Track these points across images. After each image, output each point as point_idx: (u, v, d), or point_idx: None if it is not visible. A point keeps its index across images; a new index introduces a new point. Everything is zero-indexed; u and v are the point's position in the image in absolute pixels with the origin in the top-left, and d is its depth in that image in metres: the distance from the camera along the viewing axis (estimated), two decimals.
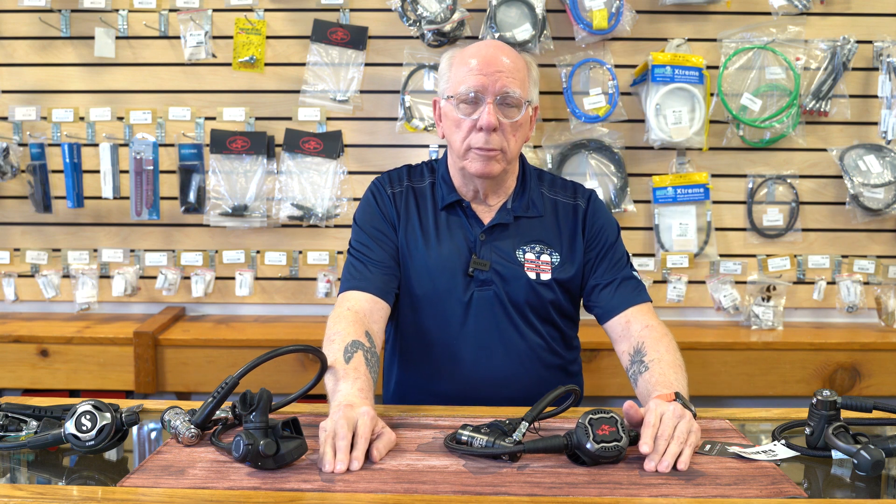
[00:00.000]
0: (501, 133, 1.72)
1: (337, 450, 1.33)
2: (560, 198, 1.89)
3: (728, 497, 1.26)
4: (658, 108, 2.80)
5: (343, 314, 1.70)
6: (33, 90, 2.97)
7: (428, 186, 1.89)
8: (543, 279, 1.80)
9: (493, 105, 1.71)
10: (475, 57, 1.73)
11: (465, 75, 1.73)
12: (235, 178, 2.93)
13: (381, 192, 1.89)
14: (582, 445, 1.35)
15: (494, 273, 1.80)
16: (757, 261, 3.00)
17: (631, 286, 1.82)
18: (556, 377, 1.86)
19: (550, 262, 1.82)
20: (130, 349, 2.72)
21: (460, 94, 1.73)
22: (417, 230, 1.84)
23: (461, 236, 1.83)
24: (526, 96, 1.75)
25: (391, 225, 1.85)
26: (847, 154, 2.91)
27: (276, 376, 2.59)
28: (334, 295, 2.98)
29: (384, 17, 2.93)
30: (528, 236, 1.83)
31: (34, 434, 1.45)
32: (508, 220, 1.83)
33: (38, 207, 2.94)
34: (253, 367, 1.44)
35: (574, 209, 1.87)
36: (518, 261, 1.81)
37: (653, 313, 1.80)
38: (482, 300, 1.80)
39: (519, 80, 1.73)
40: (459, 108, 1.74)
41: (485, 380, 1.80)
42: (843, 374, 2.73)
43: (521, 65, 1.76)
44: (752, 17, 2.92)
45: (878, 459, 1.30)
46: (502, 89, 1.70)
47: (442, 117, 1.82)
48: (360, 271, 1.79)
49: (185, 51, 2.93)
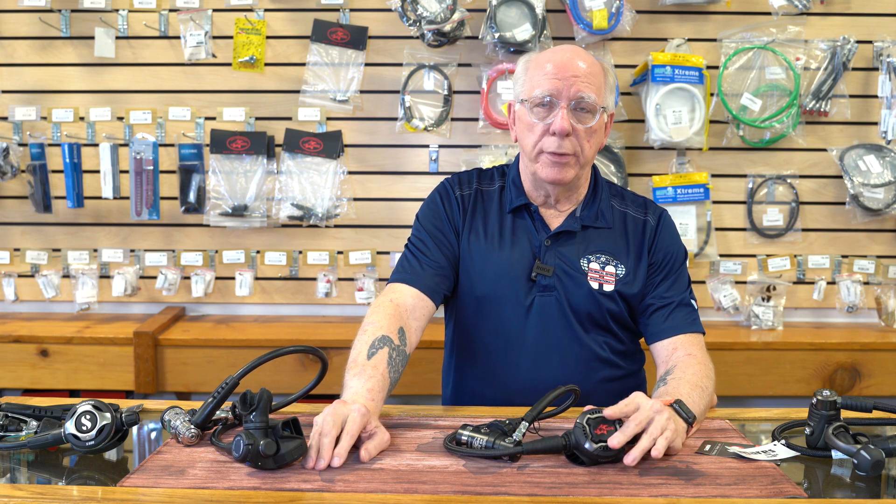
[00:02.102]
0: (575, 138, 1.71)
1: (320, 447, 1.33)
2: (630, 212, 1.87)
3: (728, 497, 1.26)
4: (658, 108, 2.80)
5: (384, 304, 1.70)
6: (33, 90, 2.97)
7: (497, 190, 1.88)
8: (606, 290, 1.78)
9: (567, 110, 1.69)
10: (551, 61, 1.72)
11: (539, 79, 1.72)
12: (235, 178, 2.93)
13: (449, 193, 1.88)
14: (580, 445, 1.35)
15: (557, 279, 1.78)
16: (757, 261, 3.00)
17: (685, 313, 1.79)
18: (613, 388, 1.82)
19: (615, 273, 1.79)
20: (130, 349, 2.72)
21: (535, 98, 1.72)
22: (482, 233, 1.83)
23: (526, 240, 1.81)
24: (601, 102, 1.73)
25: (453, 227, 1.85)
26: (847, 154, 2.91)
27: (276, 376, 2.59)
28: (334, 295, 2.98)
29: (384, 17, 2.93)
30: (595, 246, 1.81)
31: (34, 434, 1.45)
32: (576, 228, 1.81)
33: (38, 207, 2.94)
34: (253, 367, 1.44)
35: (644, 225, 1.84)
36: (582, 270, 1.79)
37: (701, 345, 1.77)
38: (543, 306, 1.78)
39: (595, 86, 1.71)
40: (533, 112, 1.73)
41: (540, 386, 1.76)
42: (843, 374, 2.73)
43: (597, 70, 1.74)
44: (752, 17, 2.92)
45: (878, 459, 1.30)
46: (577, 94, 1.69)
47: (516, 120, 1.81)
48: (412, 266, 1.80)
49: (185, 51, 2.93)
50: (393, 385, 1.59)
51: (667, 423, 1.37)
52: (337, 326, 2.89)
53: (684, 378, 1.62)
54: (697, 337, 1.78)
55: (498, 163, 2.38)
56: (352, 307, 3.04)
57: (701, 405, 1.57)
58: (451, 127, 2.97)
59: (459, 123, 2.98)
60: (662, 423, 1.37)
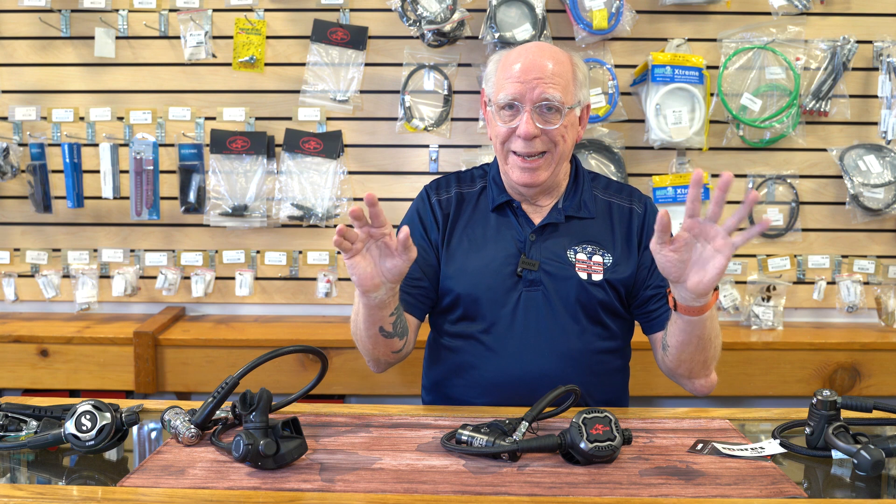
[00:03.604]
0: (546, 136, 1.72)
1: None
2: (615, 200, 1.87)
3: (728, 497, 1.26)
4: (658, 108, 2.80)
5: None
6: (33, 90, 2.97)
7: (477, 191, 1.89)
8: (595, 279, 1.78)
9: (532, 113, 1.70)
10: (516, 62, 1.72)
11: (504, 82, 1.72)
12: (235, 178, 2.93)
13: (425, 201, 1.89)
14: (576, 445, 1.35)
15: (544, 273, 1.78)
16: (757, 261, 3.00)
17: None
18: (604, 378, 1.83)
19: (603, 263, 1.79)
20: (130, 349, 2.72)
21: (499, 102, 1.73)
22: (464, 234, 1.84)
23: (510, 237, 1.82)
24: (569, 101, 1.72)
25: (430, 242, 1.85)
26: (847, 154, 2.91)
27: (276, 376, 2.59)
28: (334, 295, 2.98)
29: (384, 17, 2.93)
30: (580, 237, 1.81)
31: (34, 434, 1.45)
32: (559, 220, 1.81)
33: (38, 207, 2.94)
34: (253, 367, 1.44)
35: (630, 213, 1.85)
36: (569, 261, 1.79)
37: None
38: (530, 301, 1.78)
39: (560, 85, 1.71)
40: (500, 115, 1.74)
41: (531, 380, 1.78)
42: (843, 374, 2.73)
43: (564, 68, 1.73)
44: (752, 17, 2.92)
45: (878, 459, 1.30)
46: (541, 96, 1.69)
47: (488, 121, 1.82)
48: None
49: (185, 51, 2.93)
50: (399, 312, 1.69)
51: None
52: (337, 326, 2.89)
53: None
54: None
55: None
56: (352, 307, 3.03)
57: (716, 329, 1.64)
58: (451, 127, 2.97)
59: (459, 123, 2.98)
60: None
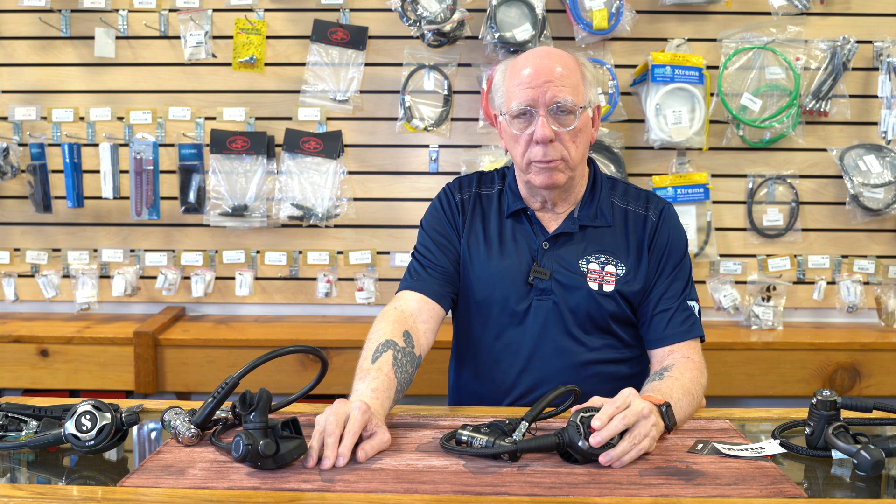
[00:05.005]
0: (560, 142, 1.71)
1: (326, 446, 1.34)
2: (632, 208, 1.84)
3: (728, 497, 1.26)
4: (658, 108, 2.80)
5: (388, 313, 1.72)
6: (33, 90, 2.97)
7: (496, 193, 1.89)
8: (606, 290, 1.77)
9: (546, 117, 1.69)
10: (524, 69, 1.72)
11: (514, 90, 1.72)
12: (235, 178, 2.93)
13: (450, 198, 1.89)
14: (574, 444, 1.35)
15: (555, 282, 1.77)
16: (757, 261, 3.00)
17: (684, 318, 1.78)
18: (614, 385, 1.79)
19: (615, 273, 1.78)
20: (130, 349, 2.72)
21: (512, 111, 1.72)
22: (481, 237, 1.84)
23: (525, 245, 1.81)
24: (580, 101, 1.72)
25: (455, 231, 1.86)
26: (847, 154, 2.91)
27: (276, 376, 2.59)
28: (334, 295, 2.98)
29: (384, 17, 2.93)
30: (594, 246, 1.80)
31: (34, 434, 1.45)
32: (573, 230, 1.80)
33: (38, 207, 2.94)
34: (253, 367, 1.44)
35: (644, 220, 1.82)
36: (581, 271, 1.78)
37: (698, 349, 1.78)
38: (540, 309, 1.78)
39: (570, 87, 1.70)
40: (514, 124, 1.73)
41: (536, 390, 1.78)
42: (843, 374, 2.73)
43: (571, 70, 1.73)
44: (752, 17, 2.92)
45: (878, 459, 1.30)
46: (553, 99, 1.69)
47: (502, 132, 1.81)
48: (418, 273, 1.82)
49: (185, 51, 2.93)
50: (403, 385, 1.60)
51: (650, 429, 1.39)
52: (337, 326, 2.89)
53: (680, 381, 1.63)
54: (696, 343, 1.79)
55: (498, 163, 2.37)
56: (352, 307, 3.04)
57: (686, 413, 1.59)
58: (451, 127, 2.97)
59: (459, 123, 2.98)
60: (646, 429, 1.38)
